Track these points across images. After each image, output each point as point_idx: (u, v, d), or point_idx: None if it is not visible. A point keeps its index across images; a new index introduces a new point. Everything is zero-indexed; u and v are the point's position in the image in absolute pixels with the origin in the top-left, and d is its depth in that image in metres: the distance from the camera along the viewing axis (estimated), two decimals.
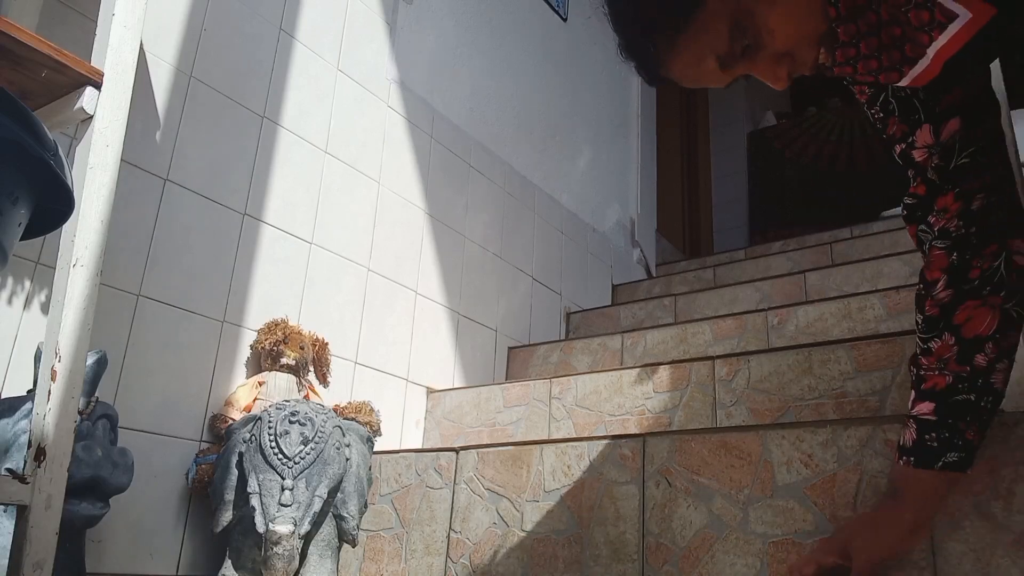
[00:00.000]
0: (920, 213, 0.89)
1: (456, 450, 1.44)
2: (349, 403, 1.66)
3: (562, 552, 1.24)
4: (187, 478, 1.41)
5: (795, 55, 0.73)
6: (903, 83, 0.74)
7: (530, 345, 2.32)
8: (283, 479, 1.28)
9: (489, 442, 1.80)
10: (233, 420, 1.43)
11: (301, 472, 1.29)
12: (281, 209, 1.70)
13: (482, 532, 1.33)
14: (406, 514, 1.45)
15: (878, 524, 0.88)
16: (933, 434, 0.85)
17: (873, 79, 0.75)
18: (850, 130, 4.34)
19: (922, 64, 0.71)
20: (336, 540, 1.37)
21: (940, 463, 0.85)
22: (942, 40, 0.68)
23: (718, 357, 1.61)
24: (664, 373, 1.66)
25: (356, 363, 1.81)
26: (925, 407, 0.86)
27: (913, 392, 0.88)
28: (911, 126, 0.85)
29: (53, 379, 0.95)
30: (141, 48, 1.33)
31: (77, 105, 1.04)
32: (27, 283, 1.25)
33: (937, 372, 0.86)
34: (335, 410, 1.55)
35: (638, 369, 1.70)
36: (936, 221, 0.87)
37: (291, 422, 1.33)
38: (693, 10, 0.70)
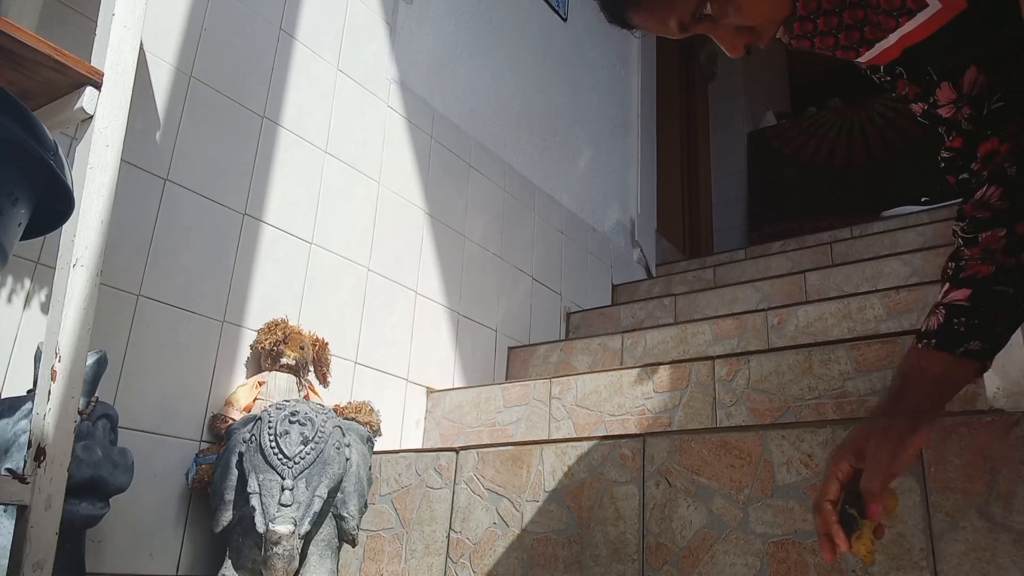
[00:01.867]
0: (961, 163, 0.84)
1: (456, 450, 1.44)
2: (349, 403, 1.66)
3: (562, 552, 1.24)
4: (187, 478, 1.41)
5: (756, 28, 0.74)
6: (860, 61, 0.73)
7: (530, 345, 2.32)
8: (283, 479, 1.28)
9: (489, 442, 1.80)
10: (233, 420, 1.43)
11: (301, 472, 1.29)
12: (281, 209, 1.70)
13: (482, 532, 1.33)
14: (406, 514, 1.45)
15: (882, 425, 0.80)
16: (963, 319, 0.79)
17: (830, 54, 0.75)
18: (849, 129, 4.34)
19: (881, 46, 0.71)
20: (336, 540, 1.37)
21: (962, 348, 0.79)
22: (908, 27, 0.69)
23: (718, 357, 1.61)
24: (664, 373, 1.66)
25: (356, 363, 1.81)
26: (960, 294, 0.80)
27: (947, 284, 0.83)
28: (925, 87, 0.81)
29: (53, 379, 0.95)
30: (141, 48, 1.33)
31: (77, 105, 1.04)
32: (27, 283, 1.25)
33: (980, 261, 0.80)
34: (335, 410, 1.55)
35: (638, 369, 1.70)
36: (981, 168, 0.82)
37: (291, 422, 1.33)
38: None
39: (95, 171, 1.02)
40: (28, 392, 1.14)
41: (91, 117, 1.04)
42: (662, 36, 0.79)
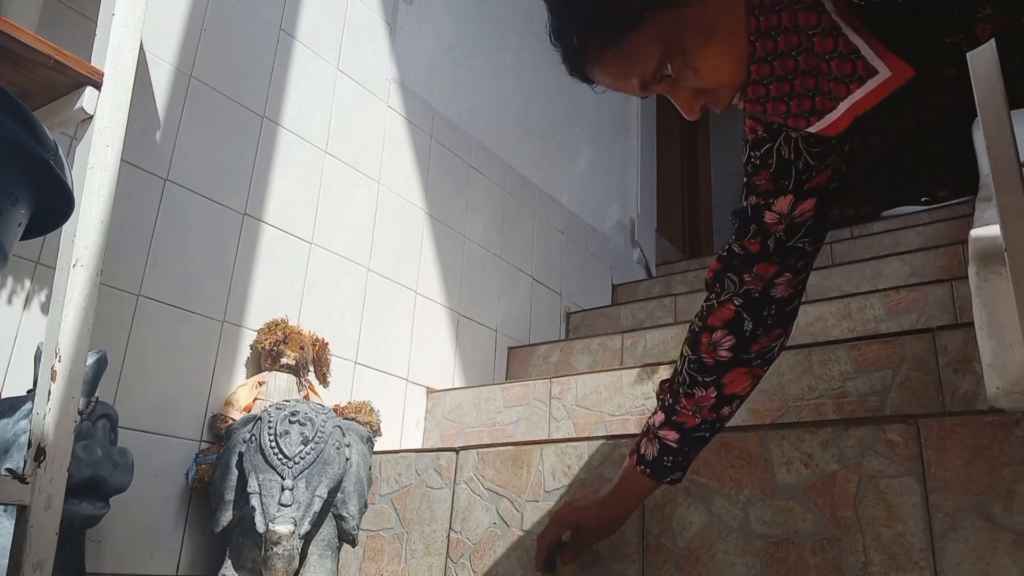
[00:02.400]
0: (736, 263, 0.93)
1: (456, 450, 1.44)
2: (349, 403, 1.66)
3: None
4: (187, 478, 1.41)
5: (714, 92, 0.75)
6: (811, 130, 0.74)
7: (530, 345, 2.32)
8: (283, 479, 1.28)
9: (489, 442, 1.80)
10: (233, 420, 1.43)
11: (301, 472, 1.29)
12: (281, 209, 1.70)
13: (482, 532, 1.33)
14: (406, 514, 1.45)
15: (603, 508, 1.07)
16: (670, 457, 1.00)
17: (782, 121, 0.75)
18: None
19: (830, 118, 0.71)
20: (336, 540, 1.37)
21: (668, 478, 1.02)
22: (858, 95, 0.69)
23: None
24: (664, 373, 1.66)
25: (356, 363, 1.81)
26: (671, 435, 0.99)
27: (662, 413, 1.00)
28: (777, 190, 0.88)
29: (53, 379, 0.95)
30: (141, 48, 1.33)
31: (77, 105, 1.04)
32: (27, 283, 1.25)
33: (690, 414, 0.98)
34: (335, 410, 1.55)
35: (638, 369, 1.70)
36: (747, 282, 0.92)
37: (291, 422, 1.33)
38: (628, 30, 0.71)
39: (95, 171, 1.02)
40: (28, 392, 1.14)
41: (91, 117, 1.04)
42: (620, 92, 0.80)
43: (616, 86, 0.78)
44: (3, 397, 1.16)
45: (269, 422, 1.33)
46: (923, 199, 3.24)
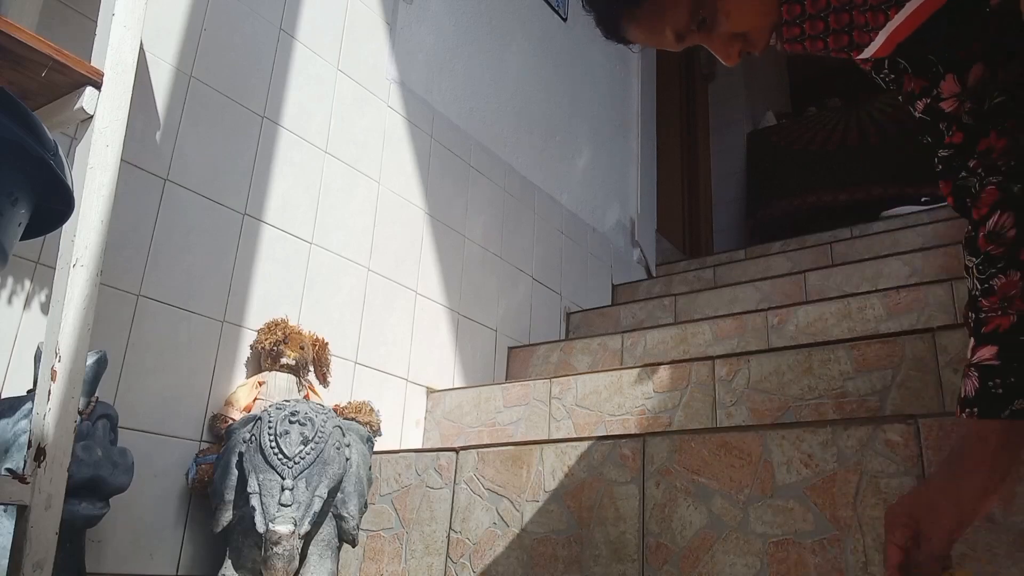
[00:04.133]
0: (957, 163, 0.84)
1: (456, 450, 1.44)
2: (349, 403, 1.66)
3: (562, 552, 1.24)
4: (187, 478, 1.41)
5: (748, 36, 0.75)
6: (858, 57, 0.73)
7: (530, 345, 2.32)
8: (283, 479, 1.28)
9: (489, 442, 1.80)
10: (233, 420, 1.43)
11: (301, 472, 1.29)
12: (281, 209, 1.70)
13: (482, 532, 1.33)
14: (406, 514, 1.45)
15: (948, 494, 0.79)
16: (998, 380, 0.77)
17: (823, 55, 0.75)
18: (847, 124, 4.34)
19: (871, 49, 0.71)
20: (336, 540, 1.37)
21: (1008, 411, 0.75)
22: (897, 20, 0.68)
23: (718, 357, 1.61)
24: (664, 373, 1.66)
25: (356, 363, 1.81)
26: (987, 352, 0.78)
27: (972, 339, 0.81)
28: (931, 79, 0.82)
29: (53, 379, 0.95)
30: (141, 48, 1.33)
31: (77, 105, 1.04)
32: (27, 283, 1.25)
33: (1000, 312, 0.78)
34: (335, 410, 1.55)
35: (638, 369, 1.70)
36: (978, 164, 0.81)
37: (291, 422, 1.33)
38: None
39: (95, 171, 1.02)
40: (28, 392, 1.14)
41: (91, 117, 1.04)
42: (661, 50, 0.80)
43: (652, 41, 0.77)
44: (3, 397, 1.16)
45: (269, 422, 1.33)
46: (923, 199, 3.24)
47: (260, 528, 1.24)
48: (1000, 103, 0.80)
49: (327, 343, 1.67)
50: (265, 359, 1.55)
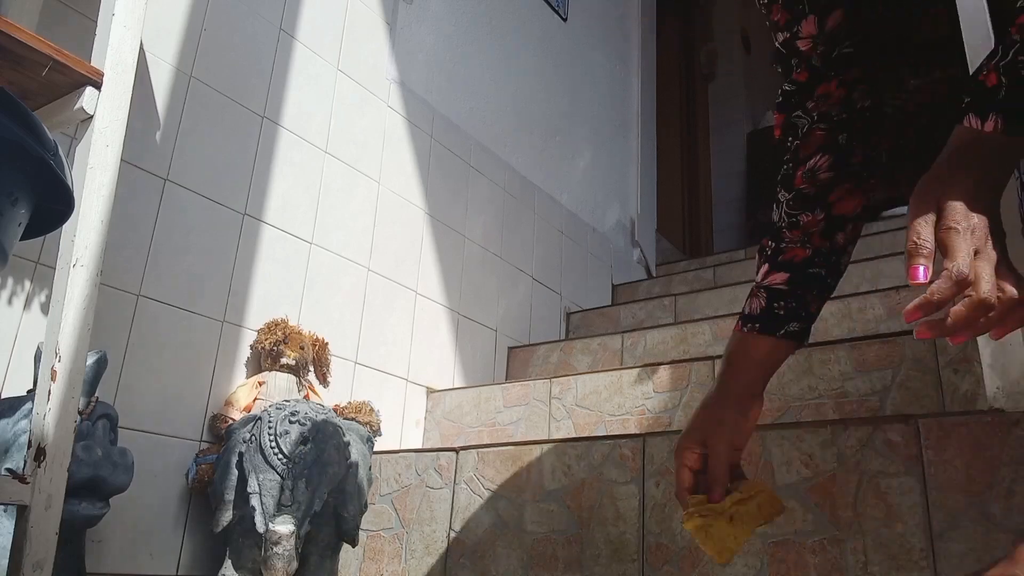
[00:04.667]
0: (795, 100, 0.89)
1: (456, 450, 1.44)
2: (349, 403, 1.66)
3: (562, 552, 1.24)
4: (187, 478, 1.41)
5: None
6: None
7: (530, 345, 2.32)
8: (283, 479, 1.28)
9: (489, 442, 1.80)
10: (233, 420, 1.43)
11: (301, 472, 1.29)
12: (281, 209, 1.70)
13: (482, 532, 1.33)
14: (406, 514, 1.45)
15: (722, 404, 0.85)
16: (782, 303, 0.85)
17: None
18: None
19: None
20: (336, 540, 1.37)
21: (783, 331, 0.85)
22: None
23: (718, 357, 1.61)
24: (664, 373, 1.66)
25: (356, 363, 1.81)
26: (779, 277, 0.87)
27: (766, 264, 0.89)
28: (795, 16, 0.85)
29: (53, 379, 0.95)
30: (141, 48, 1.33)
31: (77, 105, 1.04)
32: (27, 283, 1.25)
33: (799, 245, 0.86)
34: (335, 410, 1.55)
35: (638, 369, 1.70)
36: (815, 107, 0.87)
37: (291, 422, 1.33)
38: None
39: (95, 171, 1.02)
40: (28, 392, 1.14)
41: (91, 117, 1.04)
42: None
43: None
44: (3, 397, 1.16)
45: (269, 422, 1.33)
46: None
47: (260, 528, 1.24)
48: (847, 54, 0.85)
49: (327, 343, 1.67)
50: (265, 359, 1.55)
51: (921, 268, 0.63)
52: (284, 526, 1.23)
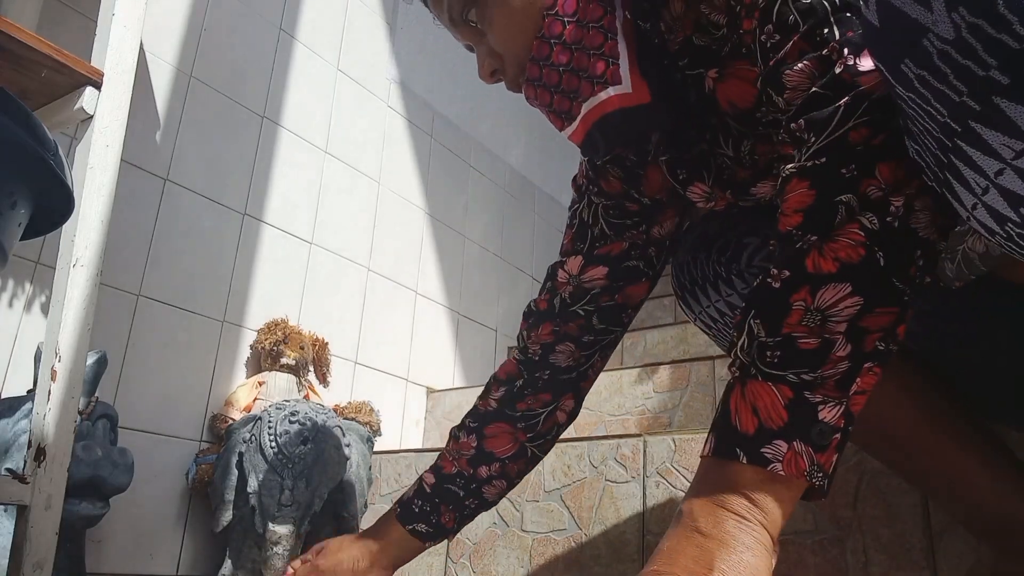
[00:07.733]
0: (532, 322, 0.91)
1: None
2: (349, 403, 1.66)
3: (562, 552, 1.24)
4: (187, 478, 1.41)
5: (504, 60, 0.73)
6: (564, 134, 0.72)
7: None
8: (283, 479, 1.28)
9: None
10: (233, 420, 1.43)
11: (301, 472, 1.29)
12: (281, 209, 1.70)
13: (482, 532, 1.33)
14: None
15: (350, 547, 0.91)
16: (420, 501, 0.90)
17: (546, 112, 0.72)
18: None
19: (574, 125, 0.69)
20: None
21: (411, 527, 0.89)
22: (595, 100, 0.66)
23: (718, 357, 1.61)
24: (664, 373, 1.66)
25: (356, 363, 1.81)
26: (430, 478, 0.91)
27: (439, 457, 0.92)
28: (572, 250, 0.88)
29: (53, 379, 0.95)
30: (141, 48, 1.33)
31: (77, 105, 1.04)
32: (27, 283, 1.25)
33: (451, 458, 0.90)
34: (335, 410, 1.55)
35: (638, 369, 1.70)
36: (532, 341, 0.89)
37: (291, 422, 1.33)
38: None
39: (95, 171, 1.02)
40: (28, 392, 1.14)
41: (91, 117, 1.04)
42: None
43: (437, 15, 0.78)
44: (3, 397, 1.16)
45: (269, 422, 1.33)
46: None
47: (260, 528, 1.24)
48: (576, 312, 0.87)
49: (327, 343, 1.67)
50: (265, 359, 1.55)
51: None
52: (284, 526, 1.23)
